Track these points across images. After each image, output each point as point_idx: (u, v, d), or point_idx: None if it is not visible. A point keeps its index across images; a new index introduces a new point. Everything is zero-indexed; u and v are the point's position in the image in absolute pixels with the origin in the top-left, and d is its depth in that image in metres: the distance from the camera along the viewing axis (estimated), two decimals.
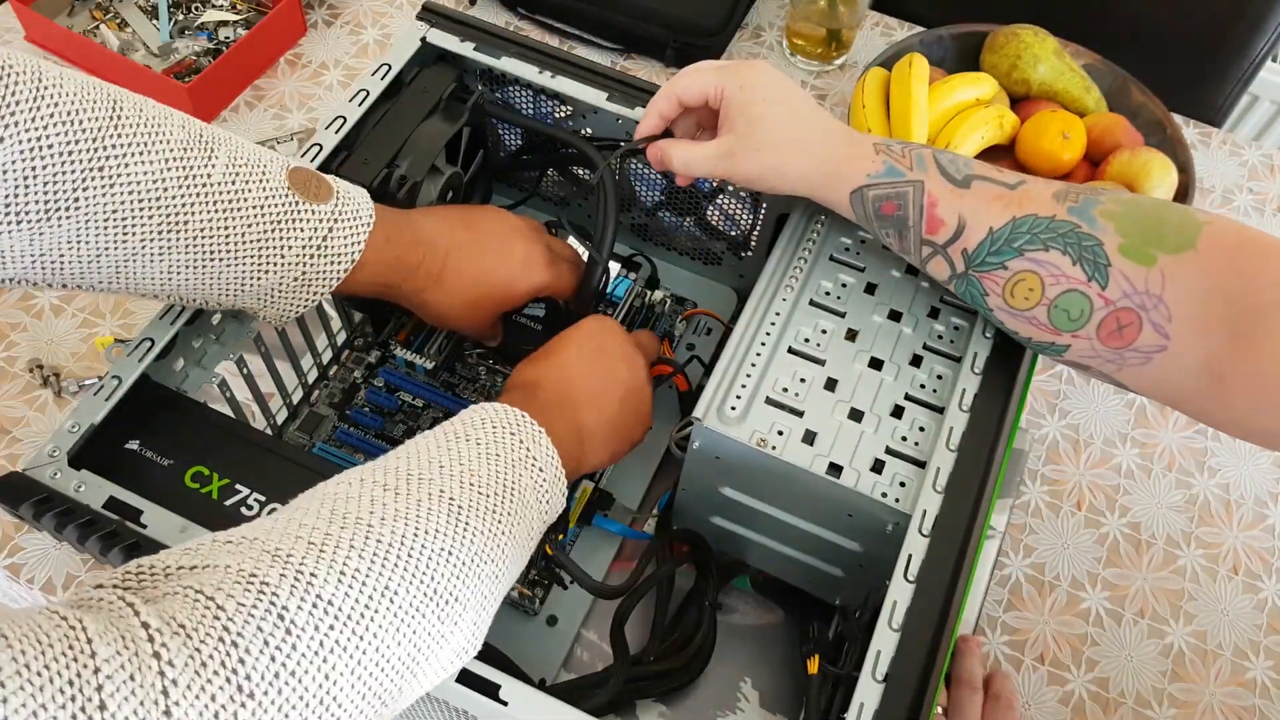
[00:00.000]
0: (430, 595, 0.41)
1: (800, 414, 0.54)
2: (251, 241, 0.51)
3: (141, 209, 0.48)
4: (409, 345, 0.70)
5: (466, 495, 0.44)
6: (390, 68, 0.67)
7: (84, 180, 0.46)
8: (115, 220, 0.47)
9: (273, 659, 0.35)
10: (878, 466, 0.53)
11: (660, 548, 0.64)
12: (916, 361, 0.57)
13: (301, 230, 0.52)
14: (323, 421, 0.69)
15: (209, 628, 0.35)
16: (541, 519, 0.49)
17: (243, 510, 0.51)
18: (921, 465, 0.53)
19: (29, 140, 0.44)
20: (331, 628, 0.37)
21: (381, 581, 0.39)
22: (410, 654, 0.40)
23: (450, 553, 0.42)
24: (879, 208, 0.55)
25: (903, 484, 0.52)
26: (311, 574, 0.38)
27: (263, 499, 0.51)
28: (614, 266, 0.75)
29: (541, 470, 0.49)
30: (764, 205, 0.68)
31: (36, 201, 0.45)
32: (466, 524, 0.43)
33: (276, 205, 0.51)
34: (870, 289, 0.59)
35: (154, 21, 0.92)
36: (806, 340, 0.57)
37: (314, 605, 0.37)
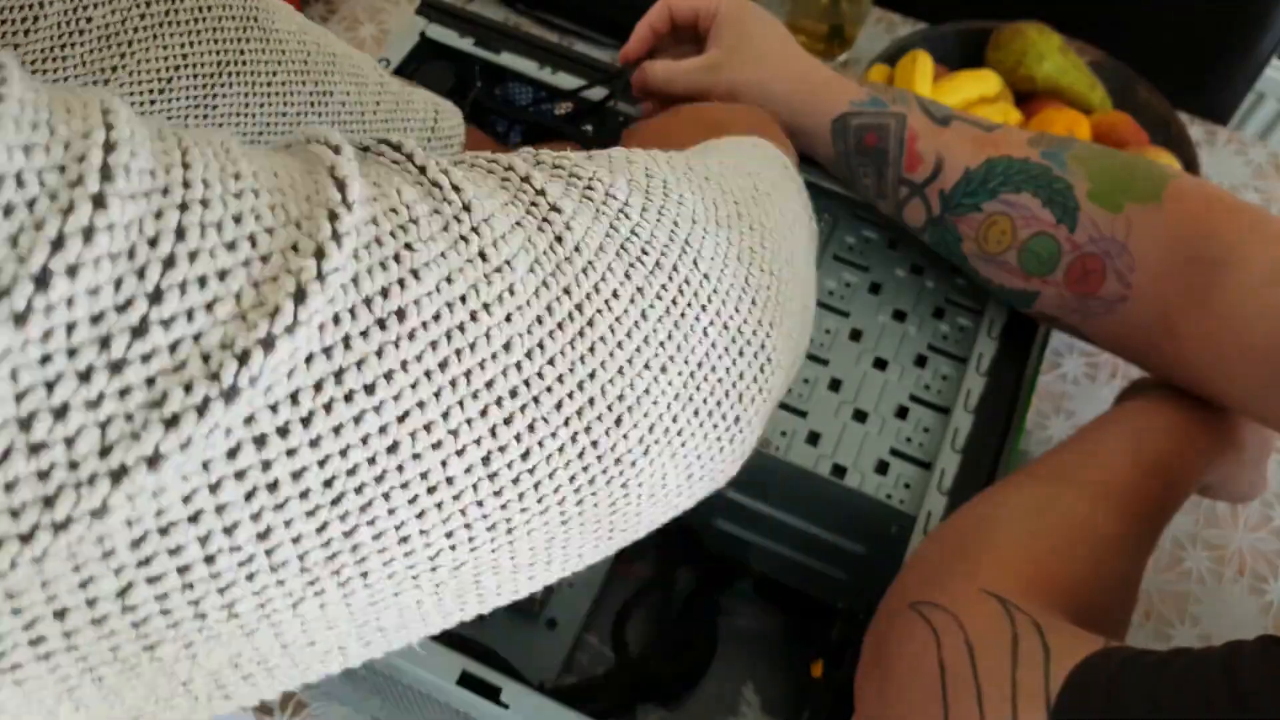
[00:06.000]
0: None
1: (804, 415, 0.54)
2: (380, 121, 0.49)
3: (295, 72, 0.46)
4: None
5: None
6: (389, 62, 0.66)
7: (244, 32, 0.44)
8: (276, 84, 0.45)
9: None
10: (882, 468, 0.52)
11: (660, 549, 0.63)
12: (921, 362, 0.56)
13: (416, 110, 0.50)
14: None
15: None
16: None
17: None
18: (926, 467, 0.52)
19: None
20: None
21: None
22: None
23: None
24: (861, 138, 0.55)
25: (907, 486, 0.52)
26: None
27: None
28: None
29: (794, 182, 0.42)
30: None
31: (208, 53, 0.43)
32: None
33: (393, 83, 0.50)
34: (875, 289, 0.59)
35: None
36: (810, 340, 0.56)
37: None
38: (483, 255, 0.24)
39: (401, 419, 0.22)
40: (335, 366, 0.21)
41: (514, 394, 0.24)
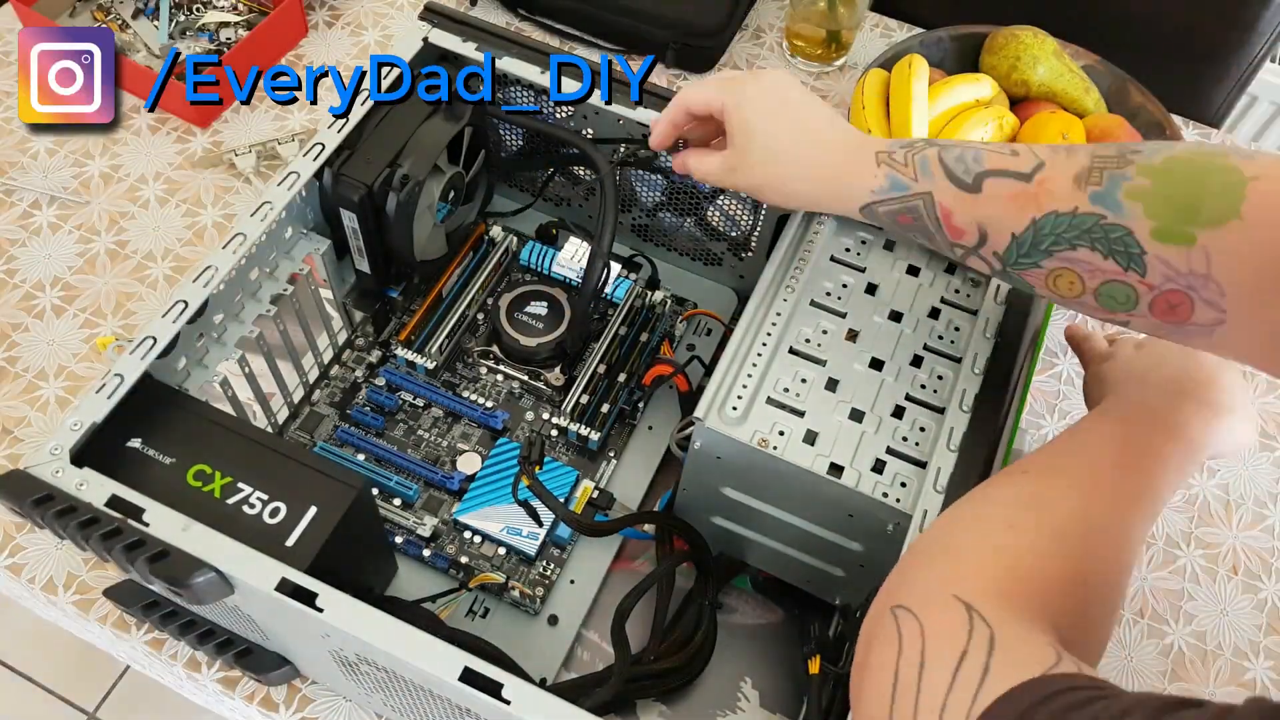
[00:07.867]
0: None
1: (801, 414, 0.54)
2: None
3: None
4: (410, 345, 0.70)
5: None
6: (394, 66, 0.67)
7: None
8: None
9: None
10: (879, 466, 0.53)
11: (660, 545, 0.64)
12: (917, 362, 0.57)
13: None
14: (323, 421, 0.69)
15: None
16: None
17: (245, 509, 0.51)
18: (922, 465, 0.53)
19: None
20: None
21: None
22: None
23: None
24: (894, 220, 0.54)
25: (903, 484, 0.52)
26: None
27: (265, 497, 0.51)
28: (614, 266, 0.75)
29: None
30: (764, 206, 0.68)
31: None
32: None
33: None
34: (871, 289, 0.59)
35: (155, 22, 0.92)
36: (807, 341, 0.57)
37: None
38: None
39: None
40: None
41: None
